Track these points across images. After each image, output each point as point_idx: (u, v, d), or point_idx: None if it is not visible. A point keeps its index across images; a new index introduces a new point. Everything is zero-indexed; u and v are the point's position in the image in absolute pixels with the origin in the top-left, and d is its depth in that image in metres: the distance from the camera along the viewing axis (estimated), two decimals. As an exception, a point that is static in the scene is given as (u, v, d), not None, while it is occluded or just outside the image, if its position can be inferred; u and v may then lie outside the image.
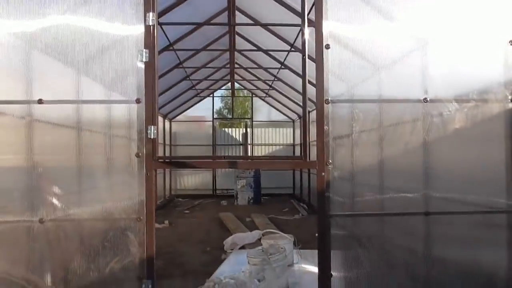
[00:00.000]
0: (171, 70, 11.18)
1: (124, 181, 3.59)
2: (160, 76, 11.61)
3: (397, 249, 3.61)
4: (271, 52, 10.76)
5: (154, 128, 3.54)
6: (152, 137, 3.53)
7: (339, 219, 3.56)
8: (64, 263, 3.47)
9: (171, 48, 9.70)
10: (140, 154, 3.53)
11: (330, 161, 3.56)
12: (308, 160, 3.53)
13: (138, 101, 3.56)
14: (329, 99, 3.62)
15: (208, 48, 11.13)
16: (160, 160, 3.51)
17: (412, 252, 3.57)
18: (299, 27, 8.44)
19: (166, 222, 10.69)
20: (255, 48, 10.99)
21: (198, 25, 9.52)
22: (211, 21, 9.61)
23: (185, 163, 3.53)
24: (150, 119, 3.56)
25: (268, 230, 6.12)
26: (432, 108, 3.59)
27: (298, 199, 15.39)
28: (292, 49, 9.56)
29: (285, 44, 9.60)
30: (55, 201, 3.49)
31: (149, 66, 3.50)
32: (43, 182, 3.49)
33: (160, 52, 9.91)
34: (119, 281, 3.50)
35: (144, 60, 3.47)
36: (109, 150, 3.62)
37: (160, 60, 10.75)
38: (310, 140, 3.81)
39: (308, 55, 3.72)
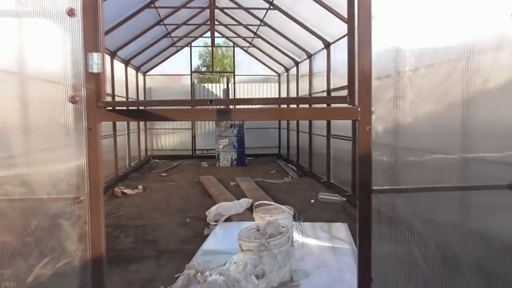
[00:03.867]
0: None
1: (55, 141, 2.29)
2: (141, 34, 10.30)
3: (471, 240, 2.47)
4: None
5: (98, 57, 2.21)
6: (95, 71, 2.21)
7: (386, 196, 2.37)
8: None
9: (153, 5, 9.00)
10: (77, 98, 2.22)
11: (373, 109, 2.32)
12: (355, 104, 2.21)
13: (71, 12, 2.20)
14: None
15: (188, 6, 10.50)
16: (108, 108, 2.20)
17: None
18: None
19: (140, 187, 9.44)
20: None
21: None
22: None
23: (149, 113, 2.22)
24: (92, 43, 2.22)
25: (261, 202, 4.94)
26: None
27: (285, 159, 14.31)
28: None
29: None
30: None
31: None
32: None
33: (142, 9, 8.74)
34: (50, 295, 2.28)
35: None
36: (27, 93, 2.29)
37: (140, 17, 9.47)
38: (313, 92, 2.53)
39: None
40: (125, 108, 2.30)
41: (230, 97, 15.89)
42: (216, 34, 15.19)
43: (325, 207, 7.57)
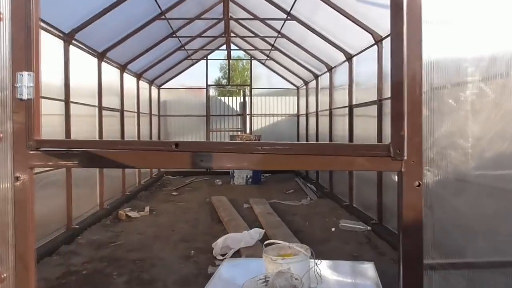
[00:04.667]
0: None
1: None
2: (153, 47, 9.84)
3: None
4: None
5: (30, 78, 1.58)
6: (25, 98, 1.57)
7: (450, 275, 1.63)
8: None
9: (163, 17, 8.66)
10: (0, 134, 1.59)
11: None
12: (404, 157, 1.46)
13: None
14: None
15: (201, 17, 10.16)
16: (43, 149, 1.56)
17: None
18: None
19: (147, 209, 8.84)
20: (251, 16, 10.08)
21: None
22: None
23: (98, 157, 1.54)
24: (23, 59, 1.59)
25: (272, 241, 4.21)
26: None
27: (303, 177, 13.53)
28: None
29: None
30: None
31: None
32: None
33: (152, 20, 8.25)
34: None
35: None
36: None
37: (151, 29, 9.11)
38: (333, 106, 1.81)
39: None
40: (65, 149, 1.64)
41: (247, 110, 15.29)
42: (233, 46, 14.68)
43: (348, 237, 6.76)
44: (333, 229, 7.21)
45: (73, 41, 6.80)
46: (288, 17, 8.95)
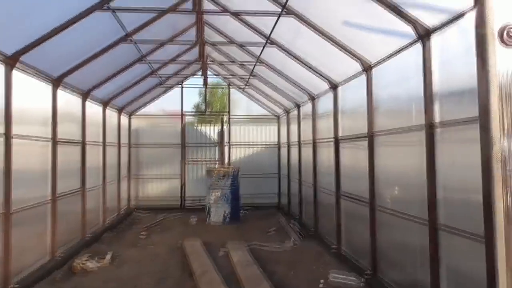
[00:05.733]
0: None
1: None
2: (120, 72, 8.90)
3: None
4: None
5: None
6: None
7: None
8: None
9: (129, 39, 7.81)
10: None
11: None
12: None
13: None
14: None
15: (174, 41, 9.35)
16: None
17: None
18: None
19: (108, 256, 7.68)
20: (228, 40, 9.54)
21: (160, 11, 7.43)
22: (176, 9, 7.55)
23: None
24: None
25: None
26: None
27: (286, 213, 12.56)
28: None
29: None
30: None
31: None
32: None
33: (116, 42, 7.52)
34: None
35: None
36: None
37: (117, 52, 7.88)
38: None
39: None
40: None
41: (225, 139, 14.36)
42: (210, 72, 13.88)
43: (339, 294, 5.80)
44: (321, 283, 6.23)
45: (17, 65, 5.80)
46: (268, 42, 8.19)
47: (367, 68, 6.48)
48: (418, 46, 4.79)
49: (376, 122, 6.40)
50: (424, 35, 4.60)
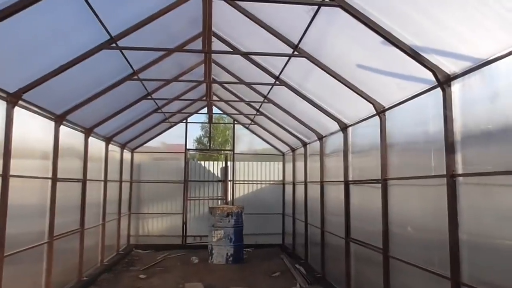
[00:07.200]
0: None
1: None
2: (125, 109, 8.76)
3: None
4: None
5: None
6: None
7: None
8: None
9: (136, 77, 7.65)
10: None
11: None
12: None
13: None
14: None
15: (180, 79, 9.36)
16: None
17: None
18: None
19: (104, 303, 7.26)
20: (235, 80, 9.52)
21: (168, 51, 7.40)
22: (184, 48, 7.55)
23: None
24: None
25: None
26: None
27: (290, 254, 12.10)
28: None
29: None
30: None
31: None
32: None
33: (122, 80, 7.41)
34: None
35: None
36: None
37: (122, 89, 7.69)
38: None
39: None
40: None
41: (229, 176, 14.09)
42: (215, 109, 13.81)
43: None
44: None
45: (19, 102, 5.62)
46: (277, 82, 8.08)
47: (380, 111, 6.29)
48: (438, 91, 4.60)
49: (390, 167, 6.15)
50: (444, 81, 4.42)
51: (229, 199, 13.91)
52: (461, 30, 3.80)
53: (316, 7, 4.93)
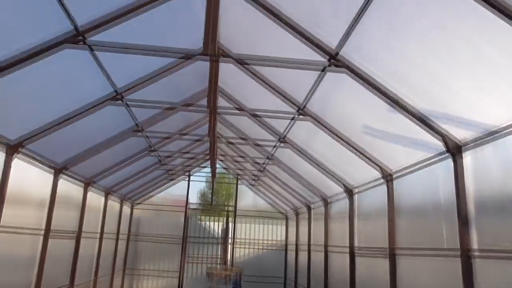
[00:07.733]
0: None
1: None
2: (126, 162, 8.62)
3: None
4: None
5: None
6: None
7: None
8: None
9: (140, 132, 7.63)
10: None
11: None
12: None
13: None
14: None
15: (185, 135, 9.32)
16: None
17: None
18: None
19: None
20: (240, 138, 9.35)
21: (173, 108, 7.38)
22: (189, 103, 7.55)
23: None
24: None
25: None
26: None
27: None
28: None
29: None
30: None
31: None
32: None
33: (126, 136, 7.45)
34: None
35: None
36: None
37: (126, 142, 7.57)
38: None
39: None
40: None
41: (229, 237, 13.60)
42: (219, 164, 13.66)
43: None
44: None
45: (19, 153, 5.50)
46: (281, 144, 7.98)
47: (387, 176, 6.08)
48: (448, 160, 4.40)
49: (398, 235, 5.81)
50: (455, 150, 4.23)
51: (228, 260, 13.33)
52: (472, 97, 3.68)
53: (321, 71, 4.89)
